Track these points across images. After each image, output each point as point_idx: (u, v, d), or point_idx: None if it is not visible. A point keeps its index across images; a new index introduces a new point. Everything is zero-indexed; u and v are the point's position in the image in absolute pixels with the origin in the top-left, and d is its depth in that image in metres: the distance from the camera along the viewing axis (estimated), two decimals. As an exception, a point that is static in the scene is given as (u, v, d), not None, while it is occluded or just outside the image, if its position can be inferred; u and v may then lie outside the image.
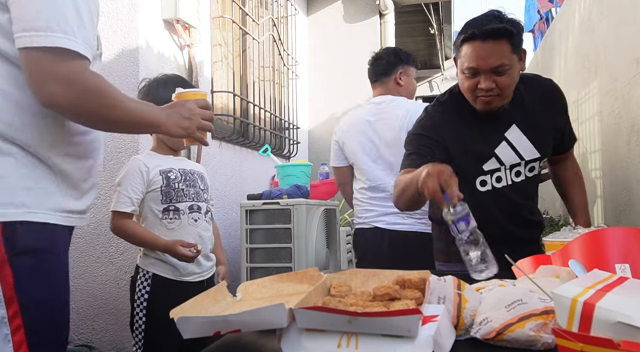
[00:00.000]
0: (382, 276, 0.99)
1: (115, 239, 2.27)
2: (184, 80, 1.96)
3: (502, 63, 1.43)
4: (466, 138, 1.59)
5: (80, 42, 0.96)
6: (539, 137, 1.61)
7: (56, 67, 0.93)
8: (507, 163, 1.61)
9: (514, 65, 1.45)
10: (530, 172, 1.64)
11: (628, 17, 2.13)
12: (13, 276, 0.94)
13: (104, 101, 0.99)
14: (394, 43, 4.72)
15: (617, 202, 2.32)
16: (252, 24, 3.59)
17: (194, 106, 1.17)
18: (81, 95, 0.96)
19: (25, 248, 0.96)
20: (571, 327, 0.66)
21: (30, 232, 0.97)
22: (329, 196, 3.04)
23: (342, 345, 0.73)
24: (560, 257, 1.07)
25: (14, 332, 0.94)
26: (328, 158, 2.60)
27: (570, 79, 3.25)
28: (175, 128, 1.13)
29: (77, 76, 0.95)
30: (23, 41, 0.92)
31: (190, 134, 1.16)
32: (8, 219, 0.94)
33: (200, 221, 1.88)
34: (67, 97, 0.95)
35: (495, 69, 1.44)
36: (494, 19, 1.45)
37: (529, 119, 1.60)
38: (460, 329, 0.83)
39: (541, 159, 1.65)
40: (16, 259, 0.94)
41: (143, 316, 1.79)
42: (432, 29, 6.47)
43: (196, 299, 0.88)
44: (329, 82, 4.64)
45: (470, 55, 1.46)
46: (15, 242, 0.94)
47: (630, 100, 2.11)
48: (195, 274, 1.87)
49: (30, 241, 0.97)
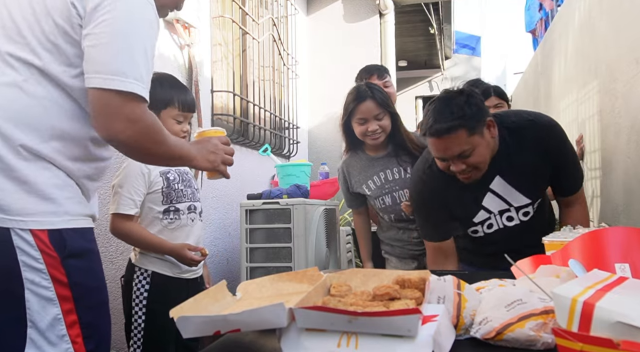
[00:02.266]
0: (382, 275, 0.99)
1: (115, 239, 2.27)
2: (175, 78, 1.94)
3: (463, 150, 1.51)
4: (454, 200, 1.68)
5: (144, 86, 1.07)
6: (525, 184, 1.64)
7: (123, 108, 1.04)
8: (495, 210, 1.67)
9: (477, 145, 1.51)
10: (525, 216, 1.67)
11: (628, 17, 2.13)
12: (67, 276, 1.05)
13: (156, 137, 1.11)
14: (394, 43, 4.72)
15: (617, 202, 2.32)
16: (252, 24, 3.59)
17: (218, 142, 1.31)
18: (140, 133, 1.07)
19: (75, 251, 1.07)
20: (571, 327, 0.66)
21: (76, 237, 1.08)
22: (329, 195, 3.03)
23: (342, 345, 0.72)
24: (560, 257, 1.06)
25: (70, 327, 1.05)
26: (328, 158, 2.60)
27: (570, 79, 3.25)
28: (204, 162, 1.27)
29: (140, 116, 1.06)
30: (97, 82, 1.02)
31: (216, 167, 1.30)
32: (55, 226, 1.05)
33: (196, 220, 1.92)
34: (128, 135, 1.05)
35: (459, 156, 1.52)
36: (448, 114, 1.49)
37: (514, 167, 1.62)
38: (460, 328, 0.83)
39: (533, 203, 1.67)
40: (67, 262, 1.05)
41: (142, 314, 1.79)
42: (432, 29, 6.46)
43: (196, 298, 0.88)
44: (329, 82, 4.63)
45: (432, 147, 1.57)
46: (64, 246, 1.05)
47: (630, 100, 2.11)
48: (191, 271, 1.89)
49: (78, 244, 1.08)
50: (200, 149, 1.27)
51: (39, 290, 1.03)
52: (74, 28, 1.06)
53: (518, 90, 6.40)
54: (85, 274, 1.10)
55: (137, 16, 1.07)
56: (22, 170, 1.04)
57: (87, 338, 1.08)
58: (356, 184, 2.20)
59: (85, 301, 1.09)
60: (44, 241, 1.03)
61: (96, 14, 1.04)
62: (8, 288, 1.02)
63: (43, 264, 1.03)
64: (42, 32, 1.06)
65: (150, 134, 1.09)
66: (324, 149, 4.58)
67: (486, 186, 1.64)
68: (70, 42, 1.07)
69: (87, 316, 1.08)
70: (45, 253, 1.03)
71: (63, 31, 1.06)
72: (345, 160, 2.26)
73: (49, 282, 1.03)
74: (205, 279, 2.06)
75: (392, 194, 2.12)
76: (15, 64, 1.06)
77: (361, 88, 2.09)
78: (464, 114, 1.48)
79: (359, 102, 2.05)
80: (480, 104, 1.55)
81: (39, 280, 1.03)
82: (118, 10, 1.04)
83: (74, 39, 1.06)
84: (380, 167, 2.14)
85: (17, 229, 1.02)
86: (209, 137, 1.33)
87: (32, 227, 1.02)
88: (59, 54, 1.07)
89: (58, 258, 1.04)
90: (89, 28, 1.04)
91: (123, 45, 1.04)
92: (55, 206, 1.06)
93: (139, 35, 1.07)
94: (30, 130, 1.05)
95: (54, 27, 1.06)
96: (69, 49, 1.07)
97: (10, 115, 1.04)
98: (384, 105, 2.05)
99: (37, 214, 1.04)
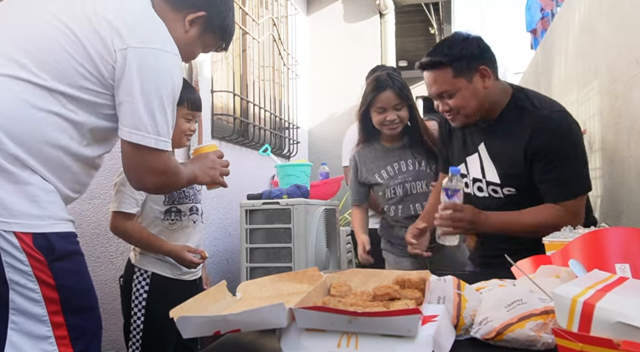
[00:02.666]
0: (382, 275, 0.99)
1: (115, 239, 2.27)
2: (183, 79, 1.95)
3: (444, 89, 1.55)
4: (453, 141, 1.77)
5: (170, 141, 1.19)
6: (503, 165, 1.59)
7: (155, 162, 1.17)
8: (471, 174, 1.69)
9: (461, 87, 1.54)
10: (495, 193, 1.63)
11: (628, 17, 2.13)
12: (54, 279, 1.06)
13: (176, 178, 1.27)
14: (394, 43, 4.72)
15: (617, 202, 2.32)
16: (252, 24, 3.58)
17: (215, 158, 1.46)
18: (167, 180, 1.24)
19: (61, 254, 1.08)
20: (571, 327, 0.66)
21: (62, 240, 1.09)
22: (329, 195, 3.03)
23: (342, 345, 0.72)
24: (560, 257, 1.06)
25: (56, 328, 1.06)
26: (328, 158, 2.60)
27: (570, 79, 3.25)
28: (206, 178, 1.42)
29: (166, 167, 1.21)
30: (134, 137, 1.13)
31: (215, 180, 1.45)
32: (40, 230, 1.06)
33: (197, 222, 1.92)
34: (157, 184, 1.22)
35: (441, 95, 1.57)
36: (440, 50, 1.56)
37: (502, 144, 1.59)
38: (460, 329, 0.83)
39: (502, 187, 1.60)
40: (54, 265, 1.06)
41: (142, 315, 1.79)
42: (432, 29, 6.47)
43: (196, 298, 0.88)
44: (329, 82, 4.63)
45: (425, 82, 1.63)
46: (52, 249, 1.06)
47: (630, 100, 2.11)
48: (191, 273, 1.89)
49: (63, 247, 1.09)
50: (201, 167, 1.41)
51: (24, 291, 1.03)
52: (105, 67, 1.11)
53: (518, 90, 6.38)
54: (72, 277, 1.10)
55: (172, 75, 1.17)
56: (9, 172, 1.04)
57: (74, 339, 1.08)
58: (368, 172, 2.20)
59: (73, 303, 1.09)
60: (29, 244, 1.03)
61: (134, 69, 1.11)
62: None
63: (29, 267, 1.03)
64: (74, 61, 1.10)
65: (173, 178, 1.25)
66: (324, 149, 4.58)
67: (476, 147, 1.67)
68: (96, 76, 1.12)
69: (74, 317, 1.08)
70: (30, 256, 1.03)
71: (93, 64, 1.11)
72: (358, 150, 2.27)
73: (34, 284, 1.03)
74: (204, 280, 2.07)
75: (404, 185, 2.13)
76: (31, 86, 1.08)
77: (381, 78, 2.12)
78: (453, 54, 1.52)
79: (379, 92, 2.08)
80: (477, 50, 1.54)
81: (24, 282, 1.03)
82: (157, 70, 1.13)
83: (105, 93, 1.14)
84: (394, 158, 2.16)
85: (0, 230, 1.01)
86: (206, 153, 1.47)
87: (16, 229, 1.02)
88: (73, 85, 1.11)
89: (45, 261, 1.04)
90: (126, 82, 1.11)
91: (160, 104, 1.14)
92: (40, 209, 1.06)
93: (172, 94, 1.17)
94: (22, 144, 1.05)
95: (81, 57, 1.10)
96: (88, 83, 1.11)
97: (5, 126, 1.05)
98: (403, 96, 2.09)
99: (21, 216, 1.04)
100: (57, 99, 1.09)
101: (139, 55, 1.11)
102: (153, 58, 1.12)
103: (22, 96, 1.06)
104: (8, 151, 1.04)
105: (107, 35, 1.10)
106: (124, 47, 1.10)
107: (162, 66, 1.14)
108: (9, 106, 1.05)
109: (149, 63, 1.12)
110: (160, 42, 1.15)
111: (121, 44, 1.10)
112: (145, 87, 1.11)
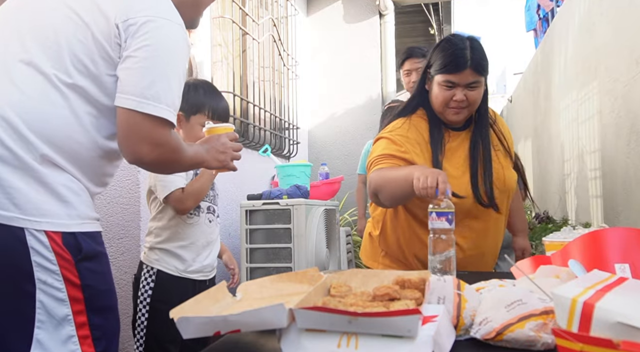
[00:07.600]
0: (382, 276, 0.99)
1: (116, 239, 2.28)
2: (211, 86, 1.96)
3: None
4: None
5: (174, 112, 1.10)
6: None
7: (152, 131, 1.07)
8: None
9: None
10: None
11: (628, 17, 2.13)
12: (79, 279, 1.06)
13: (177, 156, 1.16)
14: (394, 43, 4.72)
15: (617, 202, 2.32)
16: (252, 24, 3.59)
17: (227, 140, 1.35)
18: (163, 156, 1.12)
19: (88, 254, 1.09)
20: (571, 328, 0.66)
21: (89, 240, 1.10)
22: (329, 196, 3.04)
23: (342, 345, 0.73)
24: (560, 257, 1.07)
25: (79, 327, 1.06)
26: (328, 158, 2.60)
27: (570, 79, 3.25)
28: (214, 162, 1.31)
29: (166, 139, 1.10)
30: (130, 103, 1.05)
31: (225, 165, 1.34)
32: (69, 229, 1.06)
33: (213, 222, 1.94)
34: (152, 158, 1.10)
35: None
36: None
37: None
38: (460, 329, 0.83)
39: None
40: (80, 264, 1.07)
41: (146, 312, 1.79)
42: (432, 29, 6.47)
43: (196, 298, 0.88)
44: (328, 82, 4.63)
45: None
46: (79, 249, 1.07)
47: (630, 100, 2.11)
48: (199, 272, 1.87)
49: (91, 247, 1.10)
50: (210, 150, 1.30)
51: (51, 291, 1.04)
52: (112, 47, 1.08)
53: (518, 91, 6.40)
54: (97, 277, 1.11)
55: (176, 43, 1.11)
56: (39, 171, 1.05)
57: (96, 339, 1.09)
58: None
59: (96, 303, 1.10)
60: (58, 243, 1.04)
61: (137, 39, 1.07)
62: (19, 287, 1.03)
63: (57, 266, 1.04)
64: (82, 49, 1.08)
65: (172, 154, 1.14)
66: (324, 150, 4.58)
67: None
68: (106, 59, 1.09)
69: (97, 317, 1.10)
70: (59, 255, 1.04)
71: (102, 48, 1.08)
72: None
73: (61, 283, 1.04)
74: (230, 265, 2.09)
75: None
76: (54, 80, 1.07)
77: None
78: None
79: None
80: None
81: (51, 281, 1.03)
82: (159, 37, 1.08)
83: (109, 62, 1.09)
84: None
85: (31, 229, 1.02)
86: (218, 135, 1.36)
87: (47, 228, 1.03)
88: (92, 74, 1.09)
89: (72, 261, 1.05)
90: (130, 51, 1.07)
91: (162, 71, 1.08)
92: (70, 209, 1.07)
93: (176, 62, 1.11)
94: (51, 142, 1.06)
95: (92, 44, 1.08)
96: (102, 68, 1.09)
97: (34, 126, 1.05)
98: None
99: (52, 215, 1.04)
100: (80, 94, 1.09)
101: (142, 25, 1.07)
102: (154, 26, 1.08)
103: (48, 94, 1.06)
104: (38, 151, 1.05)
105: (110, 10, 1.08)
106: (124, 19, 1.07)
107: (166, 35, 1.10)
108: (36, 105, 1.05)
109: (151, 33, 1.08)
110: (163, 11, 1.12)
111: (123, 16, 1.07)
112: (146, 55, 1.07)
